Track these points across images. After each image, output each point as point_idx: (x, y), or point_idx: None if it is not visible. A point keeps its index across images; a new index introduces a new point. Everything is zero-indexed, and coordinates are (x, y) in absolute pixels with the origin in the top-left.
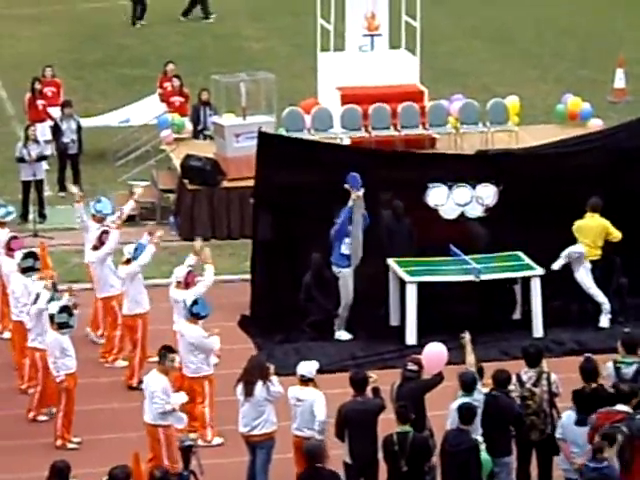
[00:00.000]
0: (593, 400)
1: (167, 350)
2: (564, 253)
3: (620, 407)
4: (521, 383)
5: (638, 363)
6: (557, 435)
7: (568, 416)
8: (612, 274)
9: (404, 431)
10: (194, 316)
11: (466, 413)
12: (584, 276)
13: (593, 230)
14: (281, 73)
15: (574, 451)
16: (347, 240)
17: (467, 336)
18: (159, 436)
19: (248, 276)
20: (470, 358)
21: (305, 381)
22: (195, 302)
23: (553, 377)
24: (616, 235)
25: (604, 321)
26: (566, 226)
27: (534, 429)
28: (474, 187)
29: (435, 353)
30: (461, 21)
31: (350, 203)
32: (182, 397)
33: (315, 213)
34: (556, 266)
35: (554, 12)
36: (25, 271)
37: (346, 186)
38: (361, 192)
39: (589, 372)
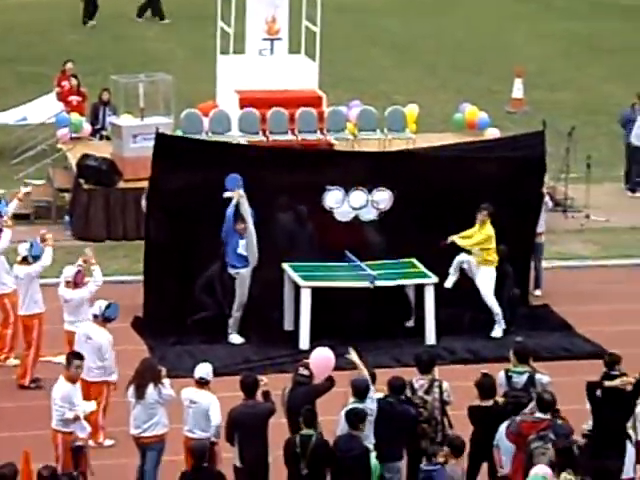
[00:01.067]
0: (489, 416)
1: (74, 356)
2: (452, 268)
3: (540, 415)
4: (413, 390)
5: (529, 372)
6: (494, 442)
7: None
8: (504, 284)
9: (307, 434)
10: (106, 320)
11: (354, 418)
12: (487, 282)
13: (479, 238)
14: (180, 75)
15: (504, 459)
16: (242, 241)
17: (352, 353)
18: (58, 441)
19: (142, 277)
20: (364, 373)
21: (202, 383)
22: (108, 306)
23: (445, 385)
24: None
25: (497, 331)
26: (459, 232)
27: (425, 437)
28: (370, 191)
29: (322, 358)
30: (360, 29)
31: (234, 202)
32: (91, 405)
33: (212, 214)
34: (449, 284)
35: (450, 24)
36: None
37: (227, 194)
38: (242, 190)
39: (487, 388)
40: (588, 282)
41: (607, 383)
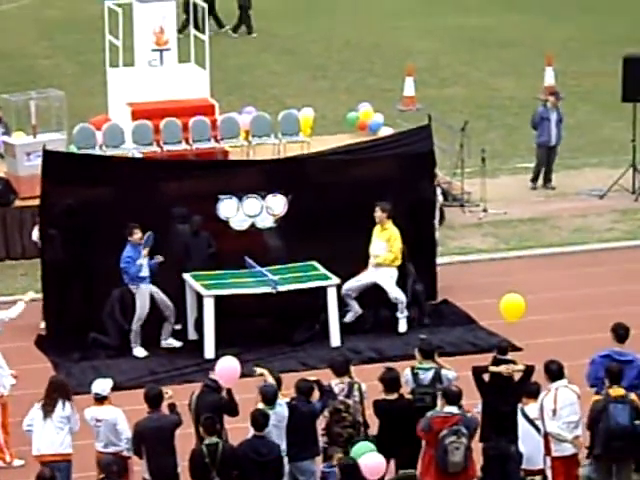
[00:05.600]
0: (394, 409)
1: None
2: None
3: (450, 409)
4: (333, 395)
5: (435, 369)
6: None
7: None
8: (406, 281)
9: (213, 442)
10: None
11: (263, 420)
12: (388, 279)
13: (385, 237)
14: (71, 90)
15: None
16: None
17: (257, 370)
18: None
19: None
20: (270, 380)
21: (100, 399)
22: None
23: (363, 387)
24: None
25: (402, 325)
26: (358, 233)
27: (351, 442)
28: (264, 197)
29: (227, 368)
30: (249, 35)
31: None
32: None
33: (106, 229)
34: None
35: (338, 24)
36: None
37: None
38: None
39: (390, 381)
40: (488, 275)
41: (492, 368)
